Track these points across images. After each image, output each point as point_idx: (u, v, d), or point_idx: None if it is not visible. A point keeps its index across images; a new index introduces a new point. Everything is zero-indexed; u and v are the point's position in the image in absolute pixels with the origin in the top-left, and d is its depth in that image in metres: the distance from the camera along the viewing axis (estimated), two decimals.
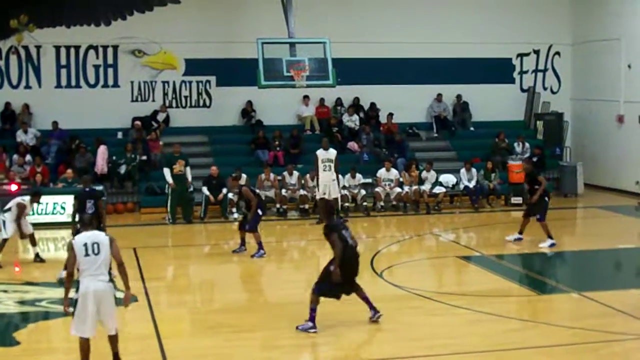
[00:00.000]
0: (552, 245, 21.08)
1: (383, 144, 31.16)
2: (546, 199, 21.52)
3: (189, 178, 26.56)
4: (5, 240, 20.40)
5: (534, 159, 30.47)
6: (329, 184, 25.33)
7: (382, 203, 27.80)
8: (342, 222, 15.21)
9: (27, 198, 20.58)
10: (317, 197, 25.59)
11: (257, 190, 22.70)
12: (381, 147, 30.93)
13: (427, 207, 27.64)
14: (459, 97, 33.25)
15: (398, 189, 28.03)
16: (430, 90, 32.97)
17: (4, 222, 20.37)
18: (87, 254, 11.67)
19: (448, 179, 28.84)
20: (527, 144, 31.40)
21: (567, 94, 34.47)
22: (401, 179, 28.36)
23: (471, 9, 32.98)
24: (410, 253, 22.13)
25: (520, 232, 21.77)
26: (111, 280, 12.10)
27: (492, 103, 33.06)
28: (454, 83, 33.05)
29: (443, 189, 28.39)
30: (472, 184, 28.41)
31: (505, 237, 22.11)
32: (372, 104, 32.41)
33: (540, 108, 34.11)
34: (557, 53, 34.37)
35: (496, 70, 33.76)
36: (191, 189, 26.72)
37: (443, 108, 33.11)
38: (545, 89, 34.49)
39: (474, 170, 28.70)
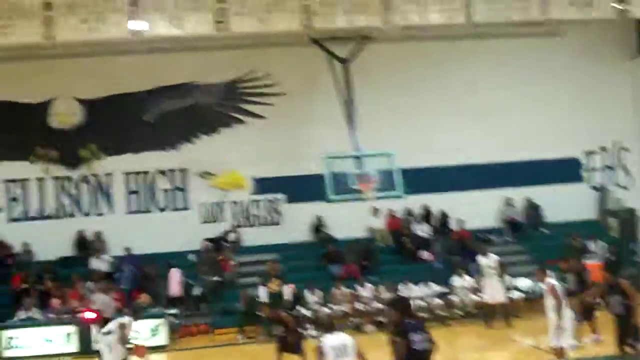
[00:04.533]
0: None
1: (457, 251, 30.88)
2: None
3: (288, 297, 26.34)
4: None
5: (611, 258, 30.06)
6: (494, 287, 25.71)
7: (459, 311, 27.44)
8: (415, 323, 14.10)
9: (127, 318, 20.12)
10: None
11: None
12: (455, 255, 30.65)
13: (506, 313, 27.15)
14: (529, 199, 32.99)
15: (474, 297, 27.67)
16: (500, 195, 32.76)
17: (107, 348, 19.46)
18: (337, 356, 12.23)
19: (524, 283, 28.42)
20: (601, 243, 30.94)
21: (639, 190, 34.04)
22: (476, 286, 28.00)
23: (533, 111, 32.89)
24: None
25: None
26: None
27: (563, 203, 32.70)
28: (522, 185, 32.83)
29: (521, 294, 27.95)
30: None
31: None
32: (443, 212, 32.24)
33: (612, 205, 33.69)
34: (626, 148, 34.09)
35: (564, 170, 33.50)
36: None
37: (514, 211, 32.86)
38: (616, 185, 34.12)
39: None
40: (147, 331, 25.83)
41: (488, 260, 26.51)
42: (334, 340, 12.37)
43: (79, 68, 29.88)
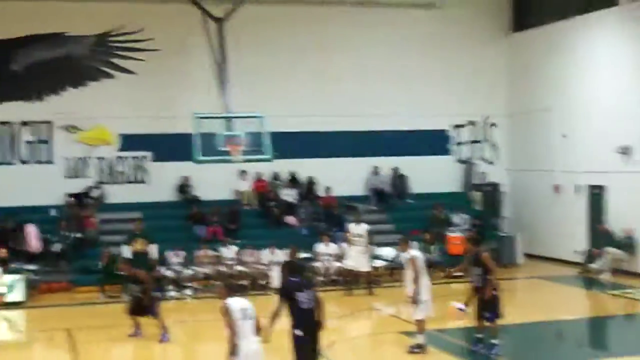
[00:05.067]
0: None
1: (322, 218, 30.96)
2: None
3: (154, 256, 26.01)
4: None
5: (473, 230, 30.54)
6: (359, 256, 25.79)
7: (322, 278, 27.48)
8: (302, 282, 14.08)
9: None
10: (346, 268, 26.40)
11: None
12: (320, 221, 30.72)
13: (368, 281, 27.31)
14: (395, 169, 33.23)
15: (337, 263, 27.76)
16: (367, 163, 32.95)
17: None
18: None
19: (387, 252, 28.63)
20: (465, 215, 31.43)
21: (504, 165, 34.63)
22: (339, 253, 28.10)
23: (406, 82, 33.17)
24: (351, 329, 21.80)
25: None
26: None
27: (429, 175, 33.06)
28: (390, 155, 33.07)
29: (383, 263, 28.16)
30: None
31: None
32: (310, 178, 32.23)
33: (477, 179, 34.20)
34: (493, 124, 34.63)
35: (432, 142, 33.86)
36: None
37: (380, 181, 33.07)
38: (482, 159, 34.64)
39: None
40: (4, 287, 25.24)
41: (358, 229, 26.57)
42: (238, 303, 12.55)
43: None
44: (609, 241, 28.24)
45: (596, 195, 29.92)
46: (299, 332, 13.70)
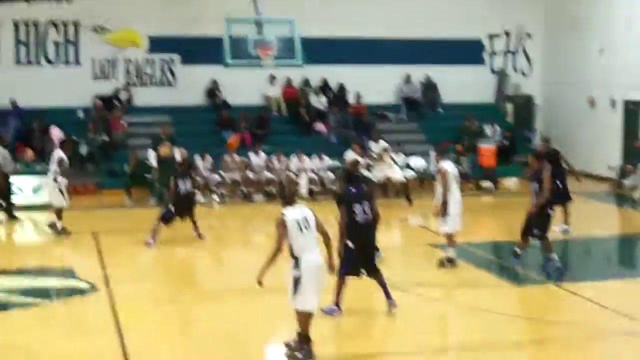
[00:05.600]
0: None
1: (351, 126, 30.59)
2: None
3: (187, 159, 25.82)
4: None
5: (505, 143, 30.15)
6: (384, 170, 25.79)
7: None
8: (360, 192, 14.16)
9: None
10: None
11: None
12: (349, 129, 30.35)
13: (397, 191, 27.01)
14: (427, 78, 32.71)
15: (367, 172, 27.41)
16: (399, 71, 32.47)
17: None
18: (300, 230, 11.72)
19: (418, 162, 28.29)
20: (497, 127, 30.99)
21: (538, 77, 34.02)
22: (368, 161, 27.77)
23: None
24: (381, 240, 21.53)
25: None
26: None
27: (462, 85, 32.52)
28: (423, 64, 32.51)
29: (413, 173, 27.81)
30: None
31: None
32: (341, 85, 31.76)
33: (511, 90, 33.66)
34: (529, 35, 33.96)
35: (466, 51, 33.25)
36: None
37: (412, 90, 32.58)
38: (515, 71, 34.04)
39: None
40: (30, 189, 25.11)
41: (376, 147, 26.28)
42: (296, 213, 11.81)
43: None
44: None
45: (632, 111, 29.37)
46: (350, 245, 13.71)
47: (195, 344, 12.90)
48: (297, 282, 11.72)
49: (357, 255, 13.85)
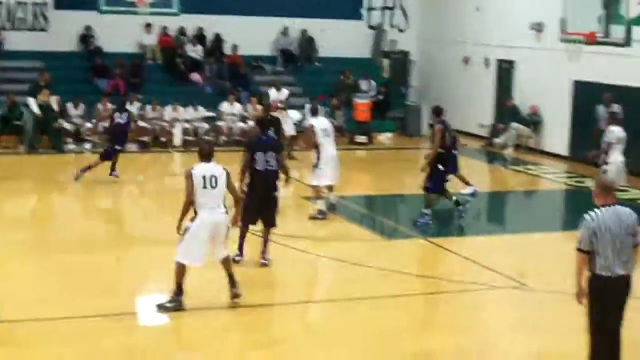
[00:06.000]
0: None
1: (227, 77, 30.37)
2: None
3: (55, 107, 25.28)
4: None
5: (380, 98, 30.35)
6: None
7: (224, 137, 27.06)
8: (266, 142, 14.46)
9: None
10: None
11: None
12: (225, 80, 30.13)
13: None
14: (304, 31, 32.62)
15: (241, 124, 27.33)
16: (277, 23, 32.24)
17: None
18: (205, 187, 11.80)
19: (293, 114, 28.22)
20: (373, 82, 31.12)
21: (415, 33, 34.22)
22: (245, 113, 27.68)
23: None
24: None
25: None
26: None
27: (339, 39, 32.50)
28: (300, 17, 32.37)
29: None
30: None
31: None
32: (217, 35, 31.44)
33: (387, 46, 33.81)
34: None
35: (344, 6, 33.23)
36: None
37: (289, 42, 32.47)
38: (392, 27, 34.17)
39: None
40: None
41: (279, 95, 26.12)
42: (205, 169, 11.93)
43: None
44: (515, 117, 28.20)
45: (505, 70, 29.79)
46: (250, 193, 14.01)
47: (66, 295, 12.69)
48: (184, 234, 11.82)
49: (256, 204, 14.05)
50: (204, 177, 11.78)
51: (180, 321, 11.87)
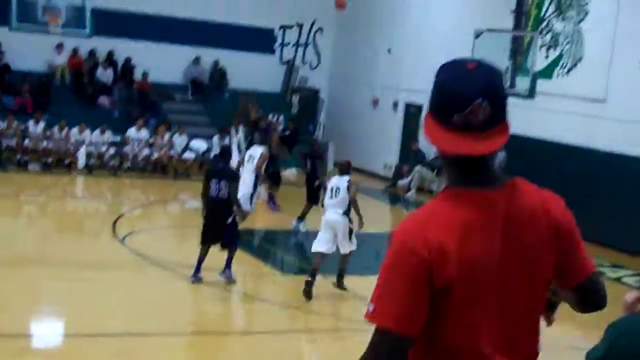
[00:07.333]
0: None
1: (136, 103, 30.23)
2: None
3: None
4: None
5: (287, 133, 30.48)
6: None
7: (129, 163, 26.92)
8: (220, 170, 15.02)
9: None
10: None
11: None
12: (133, 106, 29.99)
13: (176, 172, 26.96)
14: (216, 62, 32.68)
15: (147, 151, 27.23)
16: (190, 52, 32.21)
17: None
18: None
19: (199, 145, 28.24)
20: (281, 116, 31.25)
21: (326, 71, 34.52)
22: (151, 141, 27.58)
23: None
24: (153, 219, 21.44)
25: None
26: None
27: (251, 72, 32.61)
28: (213, 47, 32.41)
29: (193, 155, 27.77)
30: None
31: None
32: (128, 60, 31.29)
33: (298, 82, 34.04)
34: (320, 29, 34.39)
35: (258, 40, 33.38)
36: None
37: (200, 72, 32.49)
38: (304, 63, 34.44)
39: (227, 138, 28.22)
40: None
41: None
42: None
43: None
44: (419, 160, 28.58)
45: (412, 114, 30.16)
46: (204, 218, 14.79)
47: None
48: None
49: (207, 227, 14.69)
50: None
51: (72, 346, 11.76)
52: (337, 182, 15.06)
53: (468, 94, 3.34)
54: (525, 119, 23.61)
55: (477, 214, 3.38)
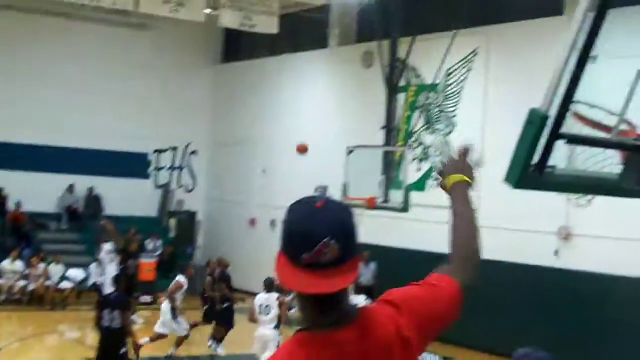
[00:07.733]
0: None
1: (9, 233, 29.70)
2: None
3: None
4: None
5: (165, 257, 30.30)
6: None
7: (4, 296, 26.29)
8: (113, 299, 14.72)
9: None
10: None
11: None
12: (7, 237, 29.46)
13: (53, 302, 26.44)
14: (91, 189, 32.40)
15: (23, 282, 26.67)
16: (63, 180, 31.88)
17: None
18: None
19: (76, 274, 27.78)
20: (159, 242, 31.05)
21: (202, 193, 34.55)
22: (26, 272, 27.03)
23: (110, 101, 32.40)
24: (32, 353, 20.92)
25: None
26: None
27: (126, 197, 32.40)
28: (87, 174, 32.16)
29: (70, 284, 27.31)
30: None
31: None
32: (0, 190, 30.79)
33: (174, 206, 33.95)
34: (195, 151, 34.51)
35: (132, 165, 33.29)
36: None
37: (74, 199, 32.15)
38: (180, 186, 34.42)
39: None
40: None
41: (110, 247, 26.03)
42: None
43: None
44: None
45: None
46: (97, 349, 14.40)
47: None
48: None
49: (100, 359, 14.35)
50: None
51: None
52: (267, 299, 15.39)
53: (315, 233, 3.32)
54: (402, 231, 23.97)
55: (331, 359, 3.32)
